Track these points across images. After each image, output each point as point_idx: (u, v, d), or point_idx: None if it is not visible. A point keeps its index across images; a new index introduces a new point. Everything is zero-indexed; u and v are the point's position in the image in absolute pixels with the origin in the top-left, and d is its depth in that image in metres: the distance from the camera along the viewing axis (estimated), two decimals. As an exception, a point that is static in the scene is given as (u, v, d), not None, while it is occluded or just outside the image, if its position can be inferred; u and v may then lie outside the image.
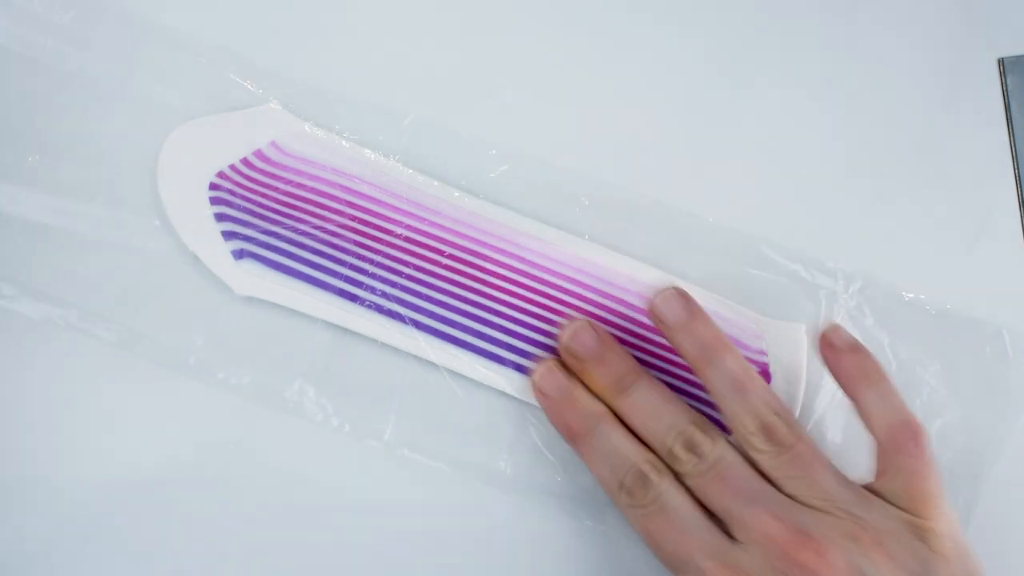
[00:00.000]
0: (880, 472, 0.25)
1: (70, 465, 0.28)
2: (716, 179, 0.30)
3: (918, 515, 0.24)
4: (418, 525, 0.28)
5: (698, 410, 0.27)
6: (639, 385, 0.26)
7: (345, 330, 0.28)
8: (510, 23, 0.32)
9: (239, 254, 0.28)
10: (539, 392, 0.27)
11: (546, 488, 0.28)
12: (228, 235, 0.28)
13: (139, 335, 0.28)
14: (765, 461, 0.25)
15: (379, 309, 0.28)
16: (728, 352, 0.26)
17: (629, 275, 0.29)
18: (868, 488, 0.25)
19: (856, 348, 0.27)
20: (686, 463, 0.25)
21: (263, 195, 0.29)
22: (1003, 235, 0.31)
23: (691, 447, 0.25)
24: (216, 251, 0.28)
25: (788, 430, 0.25)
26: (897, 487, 0.25)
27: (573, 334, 0.27)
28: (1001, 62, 0.32)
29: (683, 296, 0.27)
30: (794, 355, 0.29)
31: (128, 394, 0.28)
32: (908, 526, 0.24)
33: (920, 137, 0.32)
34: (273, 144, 0.29)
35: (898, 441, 0.25)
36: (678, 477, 0.25)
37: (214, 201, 0.29)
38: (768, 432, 0.25)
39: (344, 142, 0.30)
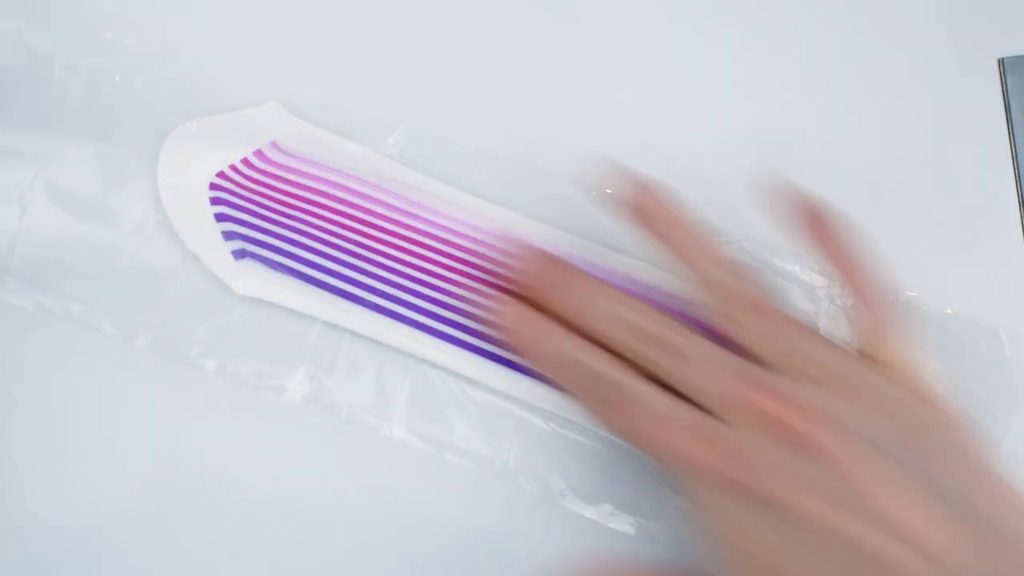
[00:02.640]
0: (862, 337, 0.26)
1: (70, 458, 0.28)
2: (714, 179, 0.30)
3: (910, 375, 0.25)
4: (420, 517, 0.28)
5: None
6: (603, 300, 0.26)
7: (346, 329, 0.29)
8: (510, 24, 0.32)
9: (239, 254, 0.28)
10: (510, 334, 0.26)
11: (549, 481, 0.28)
12: (228, 235, 0.29)
13: (139, 334, 0.28)
14: (756, 342, 0.25)
15: (379, 309, 0.28)
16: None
17: (628, 275, 0.29)
18: (859, 352, 0.25)
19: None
20: (665, 364, 0.25)
21: (263, 195, 0.29)
22: (1002, 235, 0.31)
23: (664, 345, 0.25)
24: (216, 251, 0.28)
25: (774, 308, 0.25)
26: (880, 349, 0.25)
27: (537, 268, 0.27)
28: (1001, 62, 0.32)
29: (661, 196, 0.26)
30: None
31: (128, 390, 0.28)
32: (905, 389, 0.24)
33: (920, 137, 0.32)
34: (273, 144, 0.29)
35: (875, 306, 0.25)
36: (660, 380, 0.25)
37: (214, 201, 0.29)
38: (757, 310, 0.25)
39: (344, 141, 0.30)
